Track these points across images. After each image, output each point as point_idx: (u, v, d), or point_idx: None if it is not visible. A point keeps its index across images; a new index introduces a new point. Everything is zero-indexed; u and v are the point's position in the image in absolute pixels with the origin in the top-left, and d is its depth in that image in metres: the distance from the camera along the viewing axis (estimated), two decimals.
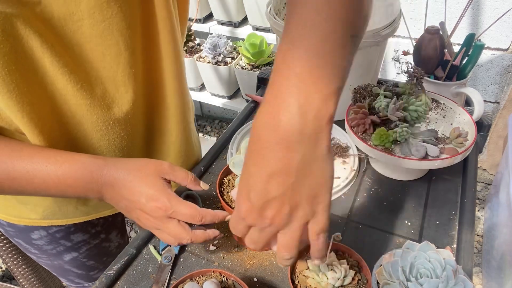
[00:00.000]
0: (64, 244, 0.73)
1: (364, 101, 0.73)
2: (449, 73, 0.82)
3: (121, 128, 0.58)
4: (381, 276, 0.49)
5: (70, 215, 0.68)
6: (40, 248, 0.73)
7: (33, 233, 0.70)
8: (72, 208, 0.67)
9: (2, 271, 1.61)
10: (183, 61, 0.63)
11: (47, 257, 0.75)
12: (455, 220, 0.66)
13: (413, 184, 0.73)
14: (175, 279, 0.59)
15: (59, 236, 0.72)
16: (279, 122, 0.33)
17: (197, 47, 1.71)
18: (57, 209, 0.66)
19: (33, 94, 0.48)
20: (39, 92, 0.49)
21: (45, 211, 0.65)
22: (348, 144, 0.80)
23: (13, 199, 0.64)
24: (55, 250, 0.74)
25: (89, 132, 0.56)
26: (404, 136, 0.67)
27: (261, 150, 0.34)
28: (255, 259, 0.61)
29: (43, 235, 0.70)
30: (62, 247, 0.74)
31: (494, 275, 1.01)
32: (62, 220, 0.68)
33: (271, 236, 0.38)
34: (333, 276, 0.49)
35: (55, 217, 0.67)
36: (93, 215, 0.71)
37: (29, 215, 0.66)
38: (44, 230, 0.70)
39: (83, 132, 0.56)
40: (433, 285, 0.45)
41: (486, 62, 1.45)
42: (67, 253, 0.75)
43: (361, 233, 0.65)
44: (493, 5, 1.31)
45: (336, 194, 0.71)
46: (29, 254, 0.77)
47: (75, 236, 0.73)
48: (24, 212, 0.65)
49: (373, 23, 0.91)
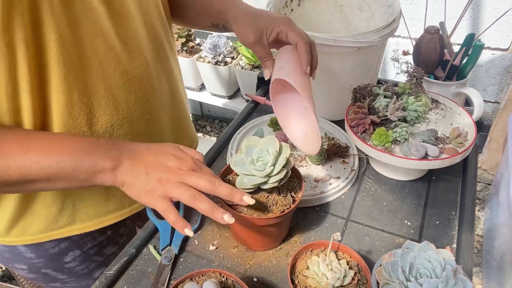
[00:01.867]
0: (96, 260, 0.73)
1: (364, 101, 0.73)
2: (449, 73, 0.82)
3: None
4: (381, 276, 0.49)
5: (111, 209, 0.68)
6: (71, 271, 0.72)
7: (67, 255, 0.69)
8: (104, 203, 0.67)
9: (2, 271, 1.61)
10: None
11: (75, 280, 0.74)
12: (455, 220, 0.66)
13: (413, 184, 0.73)
14: (175, 279, 0.59)
15: (92, 253, 0.72)
16: None
17: (197, 47, 1.71)
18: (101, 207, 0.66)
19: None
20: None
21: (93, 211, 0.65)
22: (348, 144, 0.80)
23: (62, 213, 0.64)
24: (87, 269, 0.73)
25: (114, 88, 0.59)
26: (404, 136, 0.67)
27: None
28: (255, 259, 0.61)
29: (77, 255, 0.70)
30: (94, 264, 0.74)
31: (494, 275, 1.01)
32: (110, 217, 0.68)
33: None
34: (333, 276, 0.49)
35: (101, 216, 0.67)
36: (127, 209, 0.71)
37: (83, 220, 0.66)
38: (79, 249, 0.70)
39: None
40: (433, 285, 0.45)
41: (486, 62, 1.45)
42: (98, 270, 0.75)
43: (361, 233, 0.65)
44: (493, 5, 1.31)
45: (336, 194, 0.71)
46: (52, 284, 0.75)
47: (107, 249, 0.74)
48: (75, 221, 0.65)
49: (373, 23, 0.91)
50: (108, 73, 0.57)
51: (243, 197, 0.49)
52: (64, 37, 0.50)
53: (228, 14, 0.70)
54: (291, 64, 0.62)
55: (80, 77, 0.53)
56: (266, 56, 0.66)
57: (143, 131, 0.66)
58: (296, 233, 0.65)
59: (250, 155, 0.54)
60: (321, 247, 0.55)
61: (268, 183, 0.53)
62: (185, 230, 0.48)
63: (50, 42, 0.49)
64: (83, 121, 0.56)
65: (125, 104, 0.61)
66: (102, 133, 0.59)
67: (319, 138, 0.64)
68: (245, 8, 0.69)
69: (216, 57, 1.57)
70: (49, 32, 0.48)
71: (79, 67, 0.53)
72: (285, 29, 0.65)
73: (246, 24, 0.67)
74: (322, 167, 0.76)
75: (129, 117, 0.62)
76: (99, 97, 0.57)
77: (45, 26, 0.48)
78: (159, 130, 0.70)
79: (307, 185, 0.71)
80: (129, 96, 0.61)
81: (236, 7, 0.70)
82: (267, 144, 0.54)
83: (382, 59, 0.87)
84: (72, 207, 0.63)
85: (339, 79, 0.82)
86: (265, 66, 0.66)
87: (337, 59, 0.79)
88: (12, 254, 0.67)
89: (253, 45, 0.67)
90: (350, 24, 0.97)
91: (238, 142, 0.81)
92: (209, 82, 1.70)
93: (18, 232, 0.63)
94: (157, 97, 0.67)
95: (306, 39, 0.64)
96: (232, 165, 0.55)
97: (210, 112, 2.32)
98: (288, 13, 0.93)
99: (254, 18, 0.67)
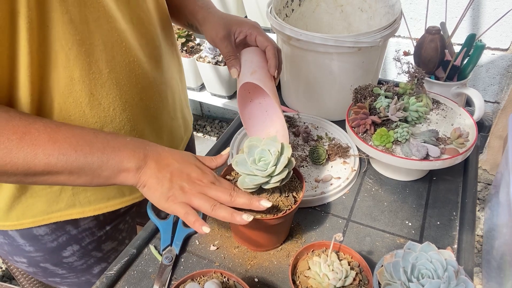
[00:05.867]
0: (95, 255, 0.73)
1: (364, 101, 0.73)
2: (449, 73, 0.82)
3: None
4: (382, 276, 0.49)
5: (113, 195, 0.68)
6: (70, 266, 0.72)
7: (66, 250, 0.69)
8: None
9: (2, 271, 1.61)
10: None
11: (74, 275, 0.74)
12: (456, 221, 0.66)
13: (414, 185, 0.73)
14: (176, 279, 0.59)
15: (91, 248, 0.72)
16: None
17: (197, 47, 1.71)
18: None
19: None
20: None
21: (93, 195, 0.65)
22: (349, 144, 0.79)
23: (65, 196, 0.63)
24: (85, 264, 0.73)
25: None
26: (405, 137, 0.67)
27: None
28: (256, 260, 0.61)
29: (76, 250, 0.70)
30: (93, 259, 0.73)
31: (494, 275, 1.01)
32: (110, 203, 0.68)
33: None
34: (334, 277, 0.49)
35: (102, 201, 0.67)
36: (128, 198, 0.71)
37: (82, 204, 0.65)
38: (77, 244, 0.69)
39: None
40: (434, 285, 0.45)
41: (486, 62, 1.45)
42: (97, 265, 0.75)
43: (362, 234, 0.65)
44: (493, 5, 1.31)
45: (337, 194, 0.71)
46: (51, 279, 0.75)
47: (106, 245, 0.74)
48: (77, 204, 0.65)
49: (374, 23, 0.91)
50: (112, 55, 0.57)
51: (261, 202, 0.51)
52: (70, 15, 0.50)
53: (198, 15, 0.73)
54: (262, 69, 0.66)
55: (82, 56, 0.53)
56: (233, 55, 0.68)
57: (144, 117, 0.66)
58: (297, 233, 0.65)
59: (252, 155, 0.54)
60: (322, 248, 0.55)
61: (270, 183, 0.53)
62: (203, 228, 0.50)
63: (54, 19, 0.48)
64: (84, 101, 0.56)
65: (129, 88, 0.61)
66: (104, 116, 0.59)
67: (287, 139, 0.69)
68: (216, 11, 0.74)
69: (216, 57, 1.57)
70: (55, 9, 0.48)
71: (82, 47, 0.52)
72: (254, 33, 0.69)
73: (216, 23, 0.70)
74: (323, 167, 0.76)
75: (131, 102, 0.62)
76: (102, 80, 0.57)
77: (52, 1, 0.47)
78: (158, 118, 0.71)
79: (307, 185, 0.71)
80: (132, 80, 0.61)
81: (207, 9, 0.73)
82: (268, 144, 0.54)
83: (383, 59, 0.87)
84: (71, 188, 0.63)
85: (340, 79, 0.82)
86: (231, 65, 0.68)
87: (338, 59, 0.79)
88: (12, 247, 0.67)
89: (221, 41, 0.69)
90: (351, 24, 0.97)
91: (239, 142, 0.81)
92: (209, 82, 1.70)
93: (17, 215, 0.62)
94: (163, 81, 0.68)
95: (274, 44, 0.68)
96: (234, 165, 0.55)
97: (210, 112, 2.32)
98: (289, 13, 0.93)
99: (224, 19, 0.71)
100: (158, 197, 0.51)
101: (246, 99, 0.72)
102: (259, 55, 0.68)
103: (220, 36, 0.68)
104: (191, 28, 0.79)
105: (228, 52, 0.68)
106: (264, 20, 1.52)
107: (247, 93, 0.72)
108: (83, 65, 0.53)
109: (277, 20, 0.80)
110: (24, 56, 0.47)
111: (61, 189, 0.62)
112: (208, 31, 0.71)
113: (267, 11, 0.84)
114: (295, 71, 0.86)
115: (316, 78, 0.84)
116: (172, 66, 0.74)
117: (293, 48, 0.81)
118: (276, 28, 0.80)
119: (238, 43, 0.71)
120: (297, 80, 0.87)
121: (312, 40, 0.75)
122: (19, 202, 0.61)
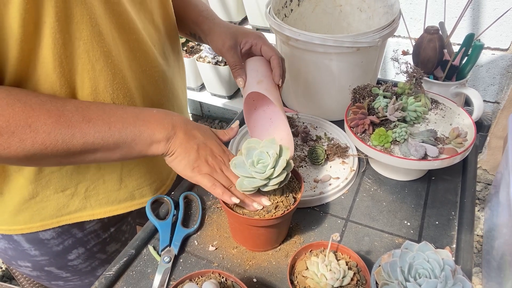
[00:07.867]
0: (99, 257, 0.74)
1: (363, 101, 0.73)
2: (448, 73, 0.82)
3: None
4: (380, 276, 0.49)
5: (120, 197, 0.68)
6: (75, 269, 0.72)
7: (71, 253, 0.69)
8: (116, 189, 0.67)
9: (2, 271, 1.61)
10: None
11: (78, 278, 0.74)
12: (455, 220, 0.66)
13: (413, 184, 0.73)
14: (175, 279, 0.59)
15: (96, 250, 0.72)
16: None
17: (197, 47, 1.71)
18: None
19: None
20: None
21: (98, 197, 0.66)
22: (348, 144, 0.80)
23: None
24: (90, 266, 0.73)
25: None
26: (403, 137, 0.67)
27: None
28: (255, 260, 0.61)
29: (81, 253, 0.70)
30: (97, 262, 0.74)
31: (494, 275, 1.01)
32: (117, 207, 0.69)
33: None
34: (332, 277, 0.49)
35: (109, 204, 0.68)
36: (138, 200, 0.71)
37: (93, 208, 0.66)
38: (83, 247, 0.70)
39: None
40: (431, 285, 0.45)
41: (486, 62, 1.45)
42: (101, 267, 0.75)
43: (361, 234, 0.65)
44: (493, 5, 1.31)
45: (335, 194, 0.71)
46: (54, 282, 0.75)
47: (110, 246, 0.74)
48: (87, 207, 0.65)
49: (372, 23, 0.91)
50: (136, 65, 0.59)
51: (262, 200, 0.56)
52: (99, 27, 0.51)
53: (203, 25, 0.75)
54: (268, 78, 0.68)
55: (108, 67, 0.54)
56: (239, 64, 0.70)
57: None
58: (295, 233, 0.65)
59: (250, 157, 0.54)
60: (321, 248, 0.55)
61: (268, 185, 0.53)
62: (232, 198, 0.54)
63: (83, 31, 0.49)
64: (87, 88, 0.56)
65: (150, 95, 0.63)
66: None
67: (293, 145, 0.72)
68: (221, 22, 0.75)
69: (216, 57, 1.58)
70: (84, 21, 0.48)
71: (108, 59, 0.54)
72: (259, 43, 0.71)
73: (222, 33, 0.71)
74: (322, 167, 0.76)
75: (130, 91, 0.62)
76: (124, 90, 0.58)
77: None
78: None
79: (306, 185, 0.72)
80: (153, 86, 0.63)
81: (212, 20, 0.75)
82: (267, 146, 0.54)
83: (381, 59, 0.87)
84: (84, 192, 0.63)
85: (339, 79, 0.82)
86: (238, 74, 0.70)
87: (337, 59, 0.79)
88: (16, 252, 0.67)
89: (228, 51, 0.70)
90: (350, 24, 0.97)
91: (238, 143, 0.81)
92: (209, 82, 1.70)
93: (25, 219, 0.62)
94: (168, 75, 0.69)
95: (279, 53, 0.70)
96: (232, 167, 0.55)
97: (210, 112, 2.32)
98: (287, 13, 0.93)
99: (230, 29, 0.72)
100: (184, 165, 0.54)
101: (251, 107, 0.74)
102: (264, 65, 0.70)
103: (226, 46, 0.70)
104: (193, 37, 0.80)
105: (234, 61, 0.70)
106: (264, 20, 1.52)
107: (251, 101, 0.73)
108: (107, 75, 0.54)
109: (275, 20, 0.80)
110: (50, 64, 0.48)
111: (73, 193, 0.63)
112: (215, 41, 0.72)
113: (266, 11, 0.84)
114: (294, 71, 0.86)
115: (315, 78, 0.84)
116: (177, 76, 0.75)
117: (292, 48, 0.81)
118: (275, 28, 0.80)
119: (243, 52, 0.72)
120: (296, 80, 0.87)
121: (311, 40, 0.75)
122: (29, 206, 0.61)
